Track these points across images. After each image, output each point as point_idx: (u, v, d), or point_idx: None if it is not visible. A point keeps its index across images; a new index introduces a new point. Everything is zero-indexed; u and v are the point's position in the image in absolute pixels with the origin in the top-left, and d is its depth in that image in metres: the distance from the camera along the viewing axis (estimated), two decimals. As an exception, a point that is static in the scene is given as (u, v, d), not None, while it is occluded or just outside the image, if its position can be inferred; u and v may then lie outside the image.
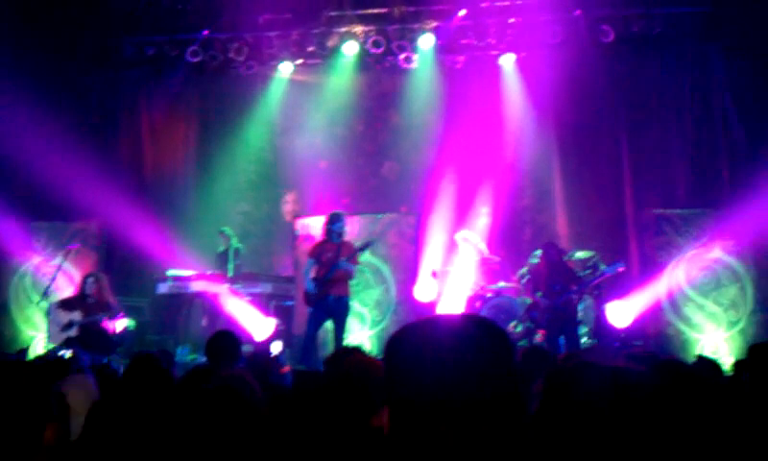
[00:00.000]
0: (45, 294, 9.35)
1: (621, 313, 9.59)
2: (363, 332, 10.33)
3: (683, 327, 9.73)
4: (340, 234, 8.86)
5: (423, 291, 10.52)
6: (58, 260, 10.15)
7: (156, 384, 3.21)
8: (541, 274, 9.03)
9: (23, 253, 11.19)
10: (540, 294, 8.91)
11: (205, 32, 11.76)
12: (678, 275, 9.84)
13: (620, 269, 9.07)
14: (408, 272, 10.64)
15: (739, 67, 10.76)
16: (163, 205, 11.82)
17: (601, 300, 9.74)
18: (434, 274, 10.46)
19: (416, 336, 1.49)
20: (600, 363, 2.25)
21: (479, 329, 1.49)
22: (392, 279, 10.60)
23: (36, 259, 11.11)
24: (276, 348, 9.22)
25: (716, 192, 10.48)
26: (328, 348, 9.18)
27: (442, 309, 10.15)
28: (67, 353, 6.59)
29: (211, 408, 1.86)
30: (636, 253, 10.65)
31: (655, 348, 9.29)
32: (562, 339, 8.79)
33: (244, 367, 4.99)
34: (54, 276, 9.70)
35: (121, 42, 11.85)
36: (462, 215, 11.25)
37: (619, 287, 9.77)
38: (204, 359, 8.91)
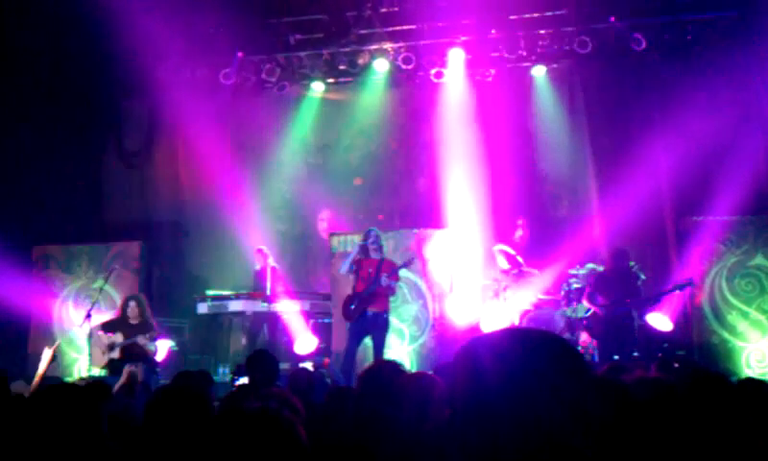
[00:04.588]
0: (87, 317, 9.42)
1: (663, 322, 9.44)
2: (402, 348, 10.29)
3: (727, 335, 9.53)
4: (377, 249, 8.84)
5: (460, 307, 10.46)
6: (98, 283, 10.25)
7: (193, 409, 3.18)
8: (608, 280, 8.87)
9: (64, 276, 11.35)
10: (585, 303, 8.79)
11: (239, 54, 11.90)
12: (720, 282, 9.65)
13: (689, 288, 8.95)
14: (445, 287, 10.59)
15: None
16: (201, 225, 11.95)
17: (643, 310, 9.58)
18: (470, 288, 10.40)
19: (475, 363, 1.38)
20: (605, 376, 2.22)
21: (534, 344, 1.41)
22: (429, 294, 10.56)
23: (76, 282, 11.26)
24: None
25: (756, 197, 10.28)
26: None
27: (481, 324, 10.08)
28: (133, 368, 6.62)
29: (251, 430, 1.86)
30: (675, 261, 10.48)
31: (699, 358, 9.12)
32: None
33: (285, 385, 5.00)
34: (95, 299, 9.78)
35: (154, 67, 12.02)
36: (498, 228, 11.18)
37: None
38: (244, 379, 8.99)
